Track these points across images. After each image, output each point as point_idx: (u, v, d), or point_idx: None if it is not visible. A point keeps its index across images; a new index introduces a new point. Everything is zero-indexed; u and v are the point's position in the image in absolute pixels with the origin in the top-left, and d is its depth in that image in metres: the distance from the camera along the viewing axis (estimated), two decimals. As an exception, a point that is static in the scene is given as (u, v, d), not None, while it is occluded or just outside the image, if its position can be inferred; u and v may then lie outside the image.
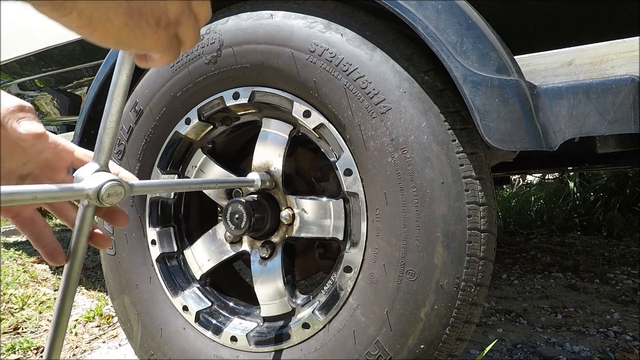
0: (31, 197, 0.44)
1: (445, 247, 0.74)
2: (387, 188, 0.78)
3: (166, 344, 1.04)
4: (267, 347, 0.93)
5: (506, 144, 0.70)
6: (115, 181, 0.50)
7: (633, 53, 0.72)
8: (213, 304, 1.06)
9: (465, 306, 0.76)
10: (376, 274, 0.80)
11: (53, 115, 2.09)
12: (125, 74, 0.52)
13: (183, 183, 0.86)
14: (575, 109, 0.69)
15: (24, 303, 1.87)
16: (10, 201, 0.42)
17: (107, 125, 0.53)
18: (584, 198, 3.44)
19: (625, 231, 3.01)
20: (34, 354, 1.45)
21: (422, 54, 0.80)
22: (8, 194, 0.41)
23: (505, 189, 4.88)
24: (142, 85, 1.07)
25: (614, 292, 1.92)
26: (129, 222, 0.66)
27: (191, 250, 1.09)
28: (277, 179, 0.96)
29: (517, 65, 0.76)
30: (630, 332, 1.48)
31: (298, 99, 0.89)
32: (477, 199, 0.74)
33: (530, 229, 3.38)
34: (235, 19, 0.93)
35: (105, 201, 0.49)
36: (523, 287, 2.02)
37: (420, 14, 0.74)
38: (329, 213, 0.90)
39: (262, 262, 0.99)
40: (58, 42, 1.70)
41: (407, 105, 0.76)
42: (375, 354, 0.79)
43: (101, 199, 0.49)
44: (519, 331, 1.51)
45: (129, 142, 1.09)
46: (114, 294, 1.13)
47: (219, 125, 1.06)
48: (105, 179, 0.50)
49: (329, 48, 0.82)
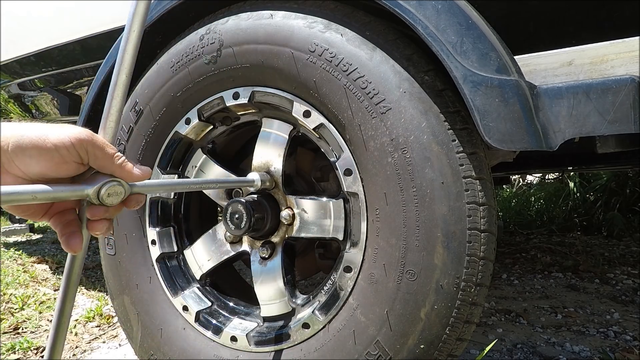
0: (31, 196, 0.44)
1: (445, 247, 0.74)
2: (387, 188, 0.78)
3: (166, 344, 1.04)
4: (267, 347, 0.93)
5: (506, 144, 0.70)
6: (115, 181, 0.50)
7: (633, 53, 0.72)
8: (213, 304, 1.06)
9: (465, 306, 0.75)
10: (376, 274, 0.80)
11: (53, 115, 2.09)
12: (124, 73, 0.52)
13: (183, 183, 0.86)
14: (575, 109, 0.69)
15: (24, 303, 1.87)
16: (11, 201, 0.42)
17: (107, 125, 0.53)
18: (584, 198, 3.44)
19: (625, 231, 3.01)
20: (34, 354, 1.45)
21: (422, 54, 0.80)
22: (8, 193, 0.41)
23: (505, 189, 4.88)
24: (142, 85, 1.07)
25: (614, 292, 1.92)
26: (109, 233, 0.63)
27: (191, 250, 1.09)
28: (277, 179, 0.96)
29: (517, 65, 0.76)
30: (630, 332, 1.48)
31: (298, 99, 0.89)
32: (477, 199, 0.74)
33: (530, 229, 3.38)
34: (235, 19, 0.93)
35: (106, 201, 0.50)
36: (523, 287, 2.02)
37: (420, 14, 0.74)
38: (329, 213, 0.90)
39: (262, 262, 0.99)
40: (58, 42, 1.70)
41: (407, 105, 0.76)
42: (375, 354, 0.79)
43: (101, 199, 0.49)
44: (519, 331, 1.51)
45: (129, 142, 1.09)
46: (114, 294, 1.13)
47: (219, 125, 1.06)
48: (105, 179, 0.50)
49: (329, 48, 0.82)
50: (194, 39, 0.98)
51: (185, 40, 1.00)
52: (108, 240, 1.13)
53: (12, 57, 1.94)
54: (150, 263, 1.09)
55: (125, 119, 1.09)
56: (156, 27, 1.04)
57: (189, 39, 0.99)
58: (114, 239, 1.12)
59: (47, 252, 3.08)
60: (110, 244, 1.13)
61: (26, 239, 3.77)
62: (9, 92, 2.21)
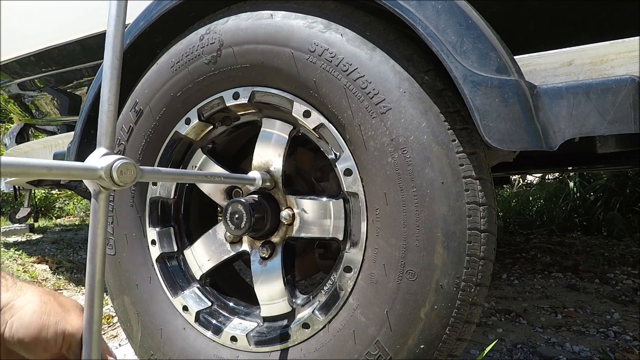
0: (47, 170, 0.45)
1: (445, 247, 0.74)
2: (387, 188, 0.78)
3: (166, 344, 1.04)
4: (267, 347, 0.93)
5: (506, 144, 0.70)
6: (125, 160, 0.51)
7: (633, 53, 0.72)
8: (213, 304, 1.06)
9: (465, 306, 0.75)
10: (376, 274, 0.80)
11: (53, 115, 2.09)
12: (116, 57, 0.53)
13: (189, 174, 0.86)
14: (575, 109, 0.69)
15: (24, 303, 1.86)
16: (26, 173, 0.43)
17: (107, 109, 0.54)
18: (584, 198, 3.44)
19: (625, 231, 3.01)
20: (34, 354, 1.45)
21: (422, 54, 0.80)
22: (24, 165, 0.42)
23: (505, 189, 4.88)
24: (142, 85, 1.07)
25: (614, 292, 1.92)
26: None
27: (191, 250, 1.09)
28: (277, 178, 0.96)
29: (517, 65, 0.76)
30: (630, 332, 1.48)
31: (298, 99, 0.89)
32: (477, 199, 0.74)
33: (530, 229, 3.38)
34: (235, 19, 0.93)
35: (118, 179, 0.50)
36: (523, 287, 2.02)
37: (420, 14, 0.74)
38: (329, 213, 0.90)
39: (262, 262, 0.99)
40: (58, 42, 1.70)
41: (407, 105, 0.76)
42: (375, 354, 0.79)
43: (113, 178, 0.50)
44: (519, 331, 1.51)
45: (129, 142, 1.09)
46: (114, 294, 1.13)
47: (219, 125, 1.06)
48: (115, 158, 0.51)
49: (329, 48, 0.82)
50: (194, 39, 0.98)
51: (185, 40, 1.00)
52: (108, 240, 1.13)
53: (12, 57, 1.94)
54: (150, 263, 1.09)
55: (125, 119, 1.09)
56: (156, 27, 1.04)
57: (189, 39, 0.99)
58: (114, 239, 1.12)
59: (47, 252, 3.08)
60: (110, 244, 1.13)
61: (26, 239, 3.77)
62: (9, 92, 2.21)
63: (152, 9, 1.02)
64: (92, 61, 1.66)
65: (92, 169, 0.49)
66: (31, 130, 2.73)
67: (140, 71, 1.09)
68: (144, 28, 1.04)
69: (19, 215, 4.01)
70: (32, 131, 2.75)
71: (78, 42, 1.63)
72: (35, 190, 4.79)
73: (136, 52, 1.09)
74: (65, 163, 0.47)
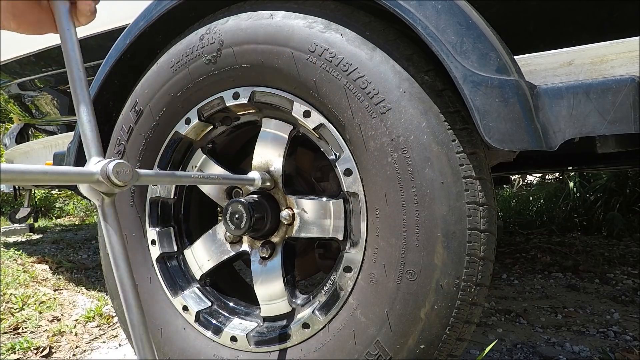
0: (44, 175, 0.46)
1: (445, 247, 0.74)
2: (387, 188, 0.78)
3: (166, 344, 1.04)
4: (267, 347, 0.93)
5: (506, 144, 0.70)
6: (118, 160, 0.52)
7: (633, 53, 0.72)
8: (213, 304, 1.06)
9: (465, 306, 0.76)
10: (376, 274, 0.80)
11: (53, 115, 2.09)
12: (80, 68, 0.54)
13: (187, 176, 0.87)
14: (575, 109, 0.69)
15: (24, 303, 1.87)
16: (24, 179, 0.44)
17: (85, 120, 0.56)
18: (584, 198, 3.44)
19: (625, 231, 3.01)
20: (34, 354, 1.45)
21: (422, 54, 0.80)
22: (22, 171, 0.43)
23: (505, 189, 4.88)
24: (142, 85, 1.07)
25: (614, 292, 1.92)
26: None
27: (191, 250, 1.09)
28: (277, 178, 0.96)
29: (517, 65, 0.76)
30: (630, 332, 1.48)
31: (298, 99, 0.89)
32: (477, 199, 0.74)
33: (530, 229, 3.38)
34: (235, 19, 0.93)
35: (116, 180, 0.51)
36: (523, 287, 2.02)
37: (420, 14, 0.74)
38: (328, 213, 0.90)
39: (262, 262, 0.99)
40: (58, 42, 1.70)
41: (407, 105, 0.76)
42: (375, 354, 0.79)
43: (110, 178, 0.51)
44: (519, 331, 1.51)
45: (128, 142, 1.09)
46: (114, 294, 1.13)
47: (219, 125, 1.06)
48: (108, 160, 0.52)
49: (329, 48, 0.82)
50: (194, 39, 0.98)
51: (185, 40, 1.00)
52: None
53: (12, 57, 1.94)
54: (150, 263, 1.09)
55: (125, 119, 1.09)
56: (156, 27, 1.04)
57: (189, 39, 0.99)
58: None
59: (47, 252, 3.08)
60: (110, 244, 1.13)
61: (26, 239, 3.77)
62: (9, 92, 2.21)
63: (152, 9, 1.02)
64: (92, 61, 1.66)
65: (88, 173, 0.51)
66: (31, 130, 2.73)
67: (140, 71, 1.09)
68: (144, 28, 1.04)
69: (19, 215, 4.02)
70: (32, 131, 2.75)
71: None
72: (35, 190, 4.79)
73: (136, 52, 1.09)
74: (62, 168, 0.49)
